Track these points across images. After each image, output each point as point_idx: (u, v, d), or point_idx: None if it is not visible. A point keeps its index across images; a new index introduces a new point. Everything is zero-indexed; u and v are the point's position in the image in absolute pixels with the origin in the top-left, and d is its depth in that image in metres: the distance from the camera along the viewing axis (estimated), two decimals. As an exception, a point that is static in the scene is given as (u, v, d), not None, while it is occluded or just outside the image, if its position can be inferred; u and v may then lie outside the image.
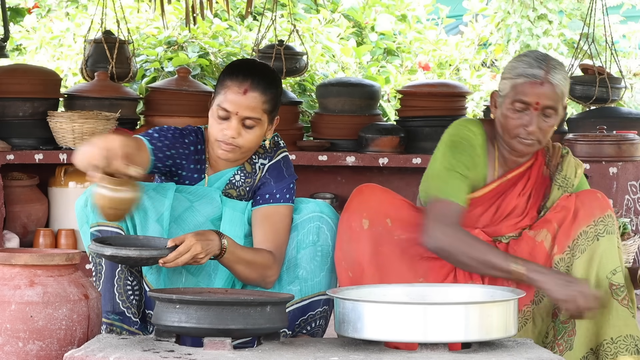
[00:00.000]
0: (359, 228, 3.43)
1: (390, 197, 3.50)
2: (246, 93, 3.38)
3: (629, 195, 5.96)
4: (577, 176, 3.60)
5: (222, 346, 2.87)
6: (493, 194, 3.54)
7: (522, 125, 3.44)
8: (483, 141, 3.55)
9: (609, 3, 9.82)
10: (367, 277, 3.39)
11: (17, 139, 6.23)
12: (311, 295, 3.48)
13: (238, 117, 3.38)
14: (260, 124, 3.42)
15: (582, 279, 3.34)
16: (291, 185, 3.51)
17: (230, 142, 3.39)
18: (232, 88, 3.38)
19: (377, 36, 9.66)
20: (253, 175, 3.52)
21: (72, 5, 9.73)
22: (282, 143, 3.59)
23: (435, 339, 2.86)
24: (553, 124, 3.46)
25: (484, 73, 9.85)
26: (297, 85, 8.56)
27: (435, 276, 3.44)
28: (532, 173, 3.57)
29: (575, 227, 3.41)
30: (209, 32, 8.64)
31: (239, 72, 3.41)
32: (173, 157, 3.44)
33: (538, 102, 3.42)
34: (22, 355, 2.97)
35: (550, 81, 3.42)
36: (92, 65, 6.62)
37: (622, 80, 6.60)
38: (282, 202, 3.48)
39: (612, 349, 3.36)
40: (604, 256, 3.38)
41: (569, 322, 3.39)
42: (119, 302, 3.38)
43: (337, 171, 6.70)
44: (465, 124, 3.56)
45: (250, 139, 3.41)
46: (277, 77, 3.50)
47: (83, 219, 3.40)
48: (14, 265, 3.02)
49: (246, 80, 3.39)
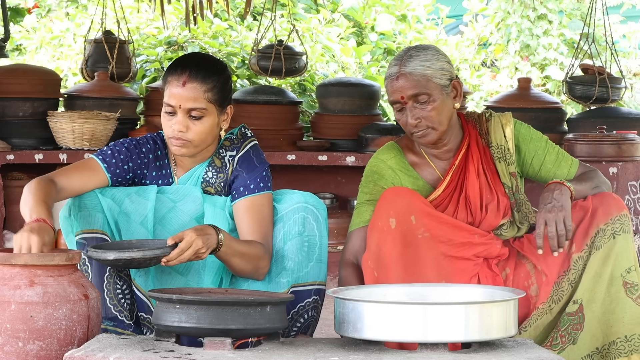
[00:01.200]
0: (387, 228, 3.41)
1: (415, 195, 3.50)
2: (185, 84, 3.39)
3: (629, 195, 5.97)
4: (508, 138, 3.61)
5: (222, 346, 2.87)
6: (452, 187, 3.56)
7: (407, 123, 3.50)
8: (399, 160, 3.62)
9: (609, 3, 9.82)
10: (392, 278, 3.38)
11: (17, 139, 6.24)
12: (299, 283, 3.47)
13: (182, 110, 3.39)
14: (207, 114, 3.41)
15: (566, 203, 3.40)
16: (264, 173, 3.50)
17: (180, 136, 3.39)
18: (172, 82, 3.41)
19: (377, 36, 9.66)
20: (224, 170, 3.52)
21: (72, 5, 9.74)
22: (249, 133, 3.57)
23: (435, 339, 2.86)
24: (436, 106, 3.48)
25: (484, 73, 9.86)
26: (297, 85, 8.56)
27: (458, 278, 3.44)
28: (472, 149, 3.60)
29: (594, 226, 3.42)
30: (209, 32, 8.65)
31: (177, 65, 3.43)
32: (132, 169, 3.48)
33: (402, 96, 3.47)
34: (22, 355, 2.97)
35: (404, 72, 3.47)
36: (92, 65, 6.62)
37: (622, 80, 6.61)
38: (257, 192, 3.47)
39: (626, 347, 3.36)
40: (619, 254, 3.39)
41: (575, 315, 3.39)
42: (110, 307, 3.38)
43: (337, 171, 6.70)
44: (375, 155, 3.66)
45: (199, 130, 3.41)
46: (218, 65, 3.48)
47: (68, 229, 3.41)
48: (14, 265, 3.02)
49: (184, 72, 3.40)
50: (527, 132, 3.64)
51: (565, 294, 3.42)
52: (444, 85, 3.48)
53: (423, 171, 3.61)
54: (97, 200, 3.39)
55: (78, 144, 6.13)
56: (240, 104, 6.73)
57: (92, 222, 3.37)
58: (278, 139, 6.60)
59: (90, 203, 3.38)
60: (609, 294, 3.38)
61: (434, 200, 3.54)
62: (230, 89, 3.51)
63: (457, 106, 3.54)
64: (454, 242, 3.44)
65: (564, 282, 3.42)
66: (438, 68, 3.48)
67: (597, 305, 3.38)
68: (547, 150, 3.63)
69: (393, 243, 3.39)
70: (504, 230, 3.54)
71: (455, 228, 3.45)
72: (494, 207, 3.54)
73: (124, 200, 3.40)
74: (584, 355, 3.39)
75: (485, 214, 3.53)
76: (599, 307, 3.38)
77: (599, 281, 3.38)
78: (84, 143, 6.12)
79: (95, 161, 3.43)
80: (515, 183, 3.58)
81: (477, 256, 3.47)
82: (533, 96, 6.57)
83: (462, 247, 3.45)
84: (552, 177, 3.61)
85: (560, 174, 3.61)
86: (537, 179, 3.65)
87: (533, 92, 6.66)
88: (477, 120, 3.64)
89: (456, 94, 3.53)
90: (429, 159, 3.61)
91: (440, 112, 3.48)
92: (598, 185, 3.54)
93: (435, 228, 3.42)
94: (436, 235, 3.42)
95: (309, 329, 3.52)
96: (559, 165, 3.63)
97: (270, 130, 6.59)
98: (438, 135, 3.51)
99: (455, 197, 3.55)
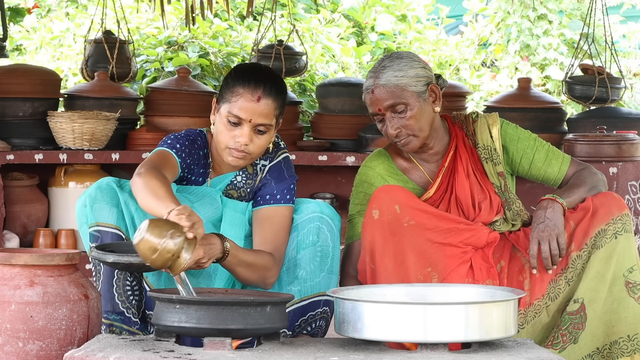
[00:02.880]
0: (371, 219, 3.44)
1: (400, 188, 3.51)
2: (260, 100, 3.37)
3: (629, 195, 5.96)
4: (494, 138, 3.62)
5: (222, 346, 2.87)
6: (443, 189, 3.57)
7: (388, 133, 3.54)
8: (388, 165, 3.64)
9: (609, 3, 9.82)
10: (382, 267, 3.40)
11: (17, 139, 6.23)
12: (311, 295, 3.47)
13: (251, 124, 3.38)
14: (271, 129, 3.43)
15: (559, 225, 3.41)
16: (291, 186, 3.51)
17: (243, 149, 3.38)
18: (245, 95, 3.37)
19: (377, 36, 9.66)
20: (254, 177, 3.52)
21: (72, 5, 9.73)
22: (282, 144, 3.59)
23: (435, 339, 2.86)
24: (414, 114, 3.49)
25: (484, 73, 9.85)
26: (297, 85, 8.56)
27: (446, 265, 3.44)
28: (459, 151, 3.61)
29: (594, 225, 3.42)
30: (209, 32, 8.64)
31: (250, 78, 3.39)
32: (189, 164, 3.45)
33: (379, 108, 3.51)
34: (22, 355, 2.97)
35: (378, 84, 3.50)
36: (92, 65, 6.62)
37: (622, 80, 6.60)
38: (282, 203, 3.48)
39: (629, 347, 3.36)
40: (621, 254, 3.39)
41: (577, 315, 3.40)
42: (119, 303, 3.38)
43: (337, 171, 6.70)
44: (364, 164, 3.69)
45: (261, 144, 3.41)
46: (284, 82, 3.52)
47: (82, 219, 3.40)
48: (14, 265, 3.02)
49: (259, 87, 3.38)
50: (514, 132, 3.65)
51: (562, 292, 3.43)
52: (420, 92, 3.50)
53: (412, 175, 3.63)
54: (114, 193, 3.37)
55: (78, 144, 6.13)
56: (240, 104, 6.74)
57: (107, 216, 3.36)
58: (278, 139, 6.61)
59: (107, 196, 3.36)
60: (611, 293, 3.39)
61: (426, 202, 3.54)
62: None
63: (437, 110, 3.55)
64: (440, 229, 3.45)
65: (561, 279, 3.43)
66: (412, 76, 3.50)
67: (599, 305, 3.38)
68: (536, 148, 3.64)
69: (380, 232, 3.42)
70: (497, 227, 3.56)
71: (439, 217, 3.47)
72: (487, 205, 3.55)
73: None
74: (585, 355, 3.39)
75: (478, 211, 3.54)
76: (601, 307, 3.39)
77: (601, 281, 3.39)
78: (84, 143, 6.12)
79: (172, 155, 3.38)
80: (503, 183, 3.59)
81: (465, 243, 3.47)
82: (533, 96, 6.57)
83: (449, 233, 3.46)
84: (543, 176, 3.63)
85: (551, 172, 3.63)
86: (529, 177, 3.66)
87: (533, 92, 6.65)
88: (463, 122, 3.66)
89: (435, 98, 3.54)
90: (418, 162, 3.64)
91: (419, 119, 3.51)
92: (594, 186, 3.54)
93: (420, 216, 3.44)
94: (422, 223, 3.44)
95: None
96: (550, 163, 3.63)
97: (270, 130, 6.59)
98: (420, 142, 3.54)
99: (446, 198, 3.57)
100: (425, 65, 3.57)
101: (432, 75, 3.56)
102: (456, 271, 3.44)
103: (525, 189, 5.83)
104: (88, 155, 6.14)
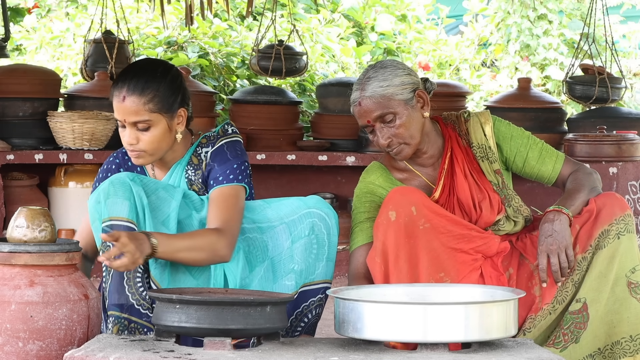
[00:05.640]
0: (387, 221, 3.42)
1: (415, 190, 3.51)
2: (125, 100, 3.40)
3: (629, 195, 5.97)
4: (488, 136, 3.62)
5: (222, 346, 2.87)
6: (447, 192, 3.57)
7: (380, 143, 3.53)
8: (386, 178, 3.63)
9: (609, 3, 9.82)
10: (396, 270, 3.39)
11: (17, 139, 6.24)
12: (308, 283, 3.47)
13: (128, 124, 3.41)
14: (153, 123, 3.41)
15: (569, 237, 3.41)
16: (235, 166, 3.48)
17: (132, 148, 3.42)
18: (115, 97, 3.42)
19: (377, 36, 9.66)
20: (200, 166, 3.52)
21: (72, 5, 9.74)
22: (230, 130, 3.56)
23: (435, 339, 2.86)
24: (404, 122, 3.49)
25: (484, 73, 9.86)
26: (297, 85, 8.56)
27: (457, 271, 3.43)
28: (455, 151, 3.61)
29: (597, 226, 3.42)
30: (208, 32, 8.65)
31: (119, 79, 3.44)
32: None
33: (368, 120, 3.51)
34: (22, 355, 2.97)
35: (365, 96, 3.50)
36: (92, 65, 6.62)
37: (622, 80, 6.61)
38: (225, 183, 3.46)
39: (631, 347, 3.36)
40: (624, 254, 3.39)
41: (579, 314, 3.40)
42: (129, 295, 3.37)
43: (337, 171, 6.70)
44: (362, 179, 3.68)
45: (149, 140, 3.42)
46: (159, 72, 3.46)
47: (95, 215, 3.39)
48: (14, 265, 3.02)
49: (123, 87, 3.40)
50: (507, 130, 3.64)
51: (569, 294, 3.43)
52: (407, 100, 3.50)
53: (412, 183, 3.62)
54: (127, 186, 3.37)
55: (78, 144, 6.13)
56: (240, 104, 6.74)
57: (120, 210, 3.36)
58: (278, 139, 6.61)
59: (120, 190, 3.36)
60: (613, 294, 3.39)
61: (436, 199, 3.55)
62: (178, 92, 3.47)
63: (426, 115, 3.55)
64: (453, 234, 3.44)
65: (568, 282, 3.43)
66: (397, 84, 3.49)
67: (601, 305, 3.38)
68: (529, 146, 3.63)
69: (395, 235, 3.39)
70: (501, 226, 3.55)
71: (453, 222, 3.46)
72: (487, 205, 3.54)
73: (151, 195, 3.40)
74: (586, 355, 3.39)
75: (480, 212, 3.54)
76: (603, 307, 3.38)
77: (603, 281, 3.38)
78: (84, 143, 6.12)
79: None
80: (501, 180, 3.59)
81: (475, 251, 3.47)
82: (533, 96, 6.57)
83: (461, 239, 3.45)
84: (537, 174, 3.63)
85: (545, 170, 3.62)
86: (523, 175, 3.66)
87: (533, 92, 6.66)
88: (455, 122, 3.66)
89: (423, 103, 3.53)
90: (415, 169, 3.63)
91: (409, 127, 3.50)
92: (594, 187, 3.54)
93: (435, 219, 3.43)
94: (436, 226, 3.42)
95: (314, 326, 3.51)
96: (543, 161, 3.63)
97: (270, 130, 6.59)
98: (412, 149, 3.54)
99: (450, 201, 3.57)
100: (410, 71, 3.56)
101: (418, 81, 3.55)
102: (468, 278, 3.44)
103: (525, 189, 5.84)
104: (88, 155, 6.14)
